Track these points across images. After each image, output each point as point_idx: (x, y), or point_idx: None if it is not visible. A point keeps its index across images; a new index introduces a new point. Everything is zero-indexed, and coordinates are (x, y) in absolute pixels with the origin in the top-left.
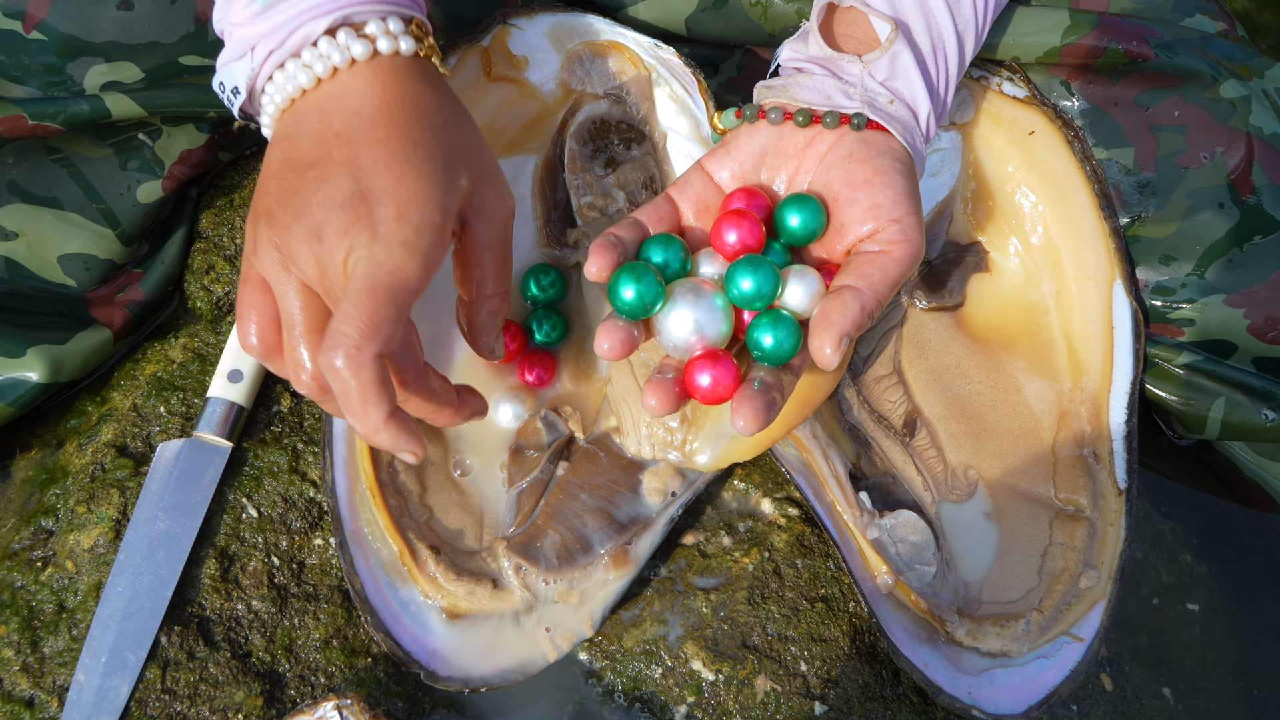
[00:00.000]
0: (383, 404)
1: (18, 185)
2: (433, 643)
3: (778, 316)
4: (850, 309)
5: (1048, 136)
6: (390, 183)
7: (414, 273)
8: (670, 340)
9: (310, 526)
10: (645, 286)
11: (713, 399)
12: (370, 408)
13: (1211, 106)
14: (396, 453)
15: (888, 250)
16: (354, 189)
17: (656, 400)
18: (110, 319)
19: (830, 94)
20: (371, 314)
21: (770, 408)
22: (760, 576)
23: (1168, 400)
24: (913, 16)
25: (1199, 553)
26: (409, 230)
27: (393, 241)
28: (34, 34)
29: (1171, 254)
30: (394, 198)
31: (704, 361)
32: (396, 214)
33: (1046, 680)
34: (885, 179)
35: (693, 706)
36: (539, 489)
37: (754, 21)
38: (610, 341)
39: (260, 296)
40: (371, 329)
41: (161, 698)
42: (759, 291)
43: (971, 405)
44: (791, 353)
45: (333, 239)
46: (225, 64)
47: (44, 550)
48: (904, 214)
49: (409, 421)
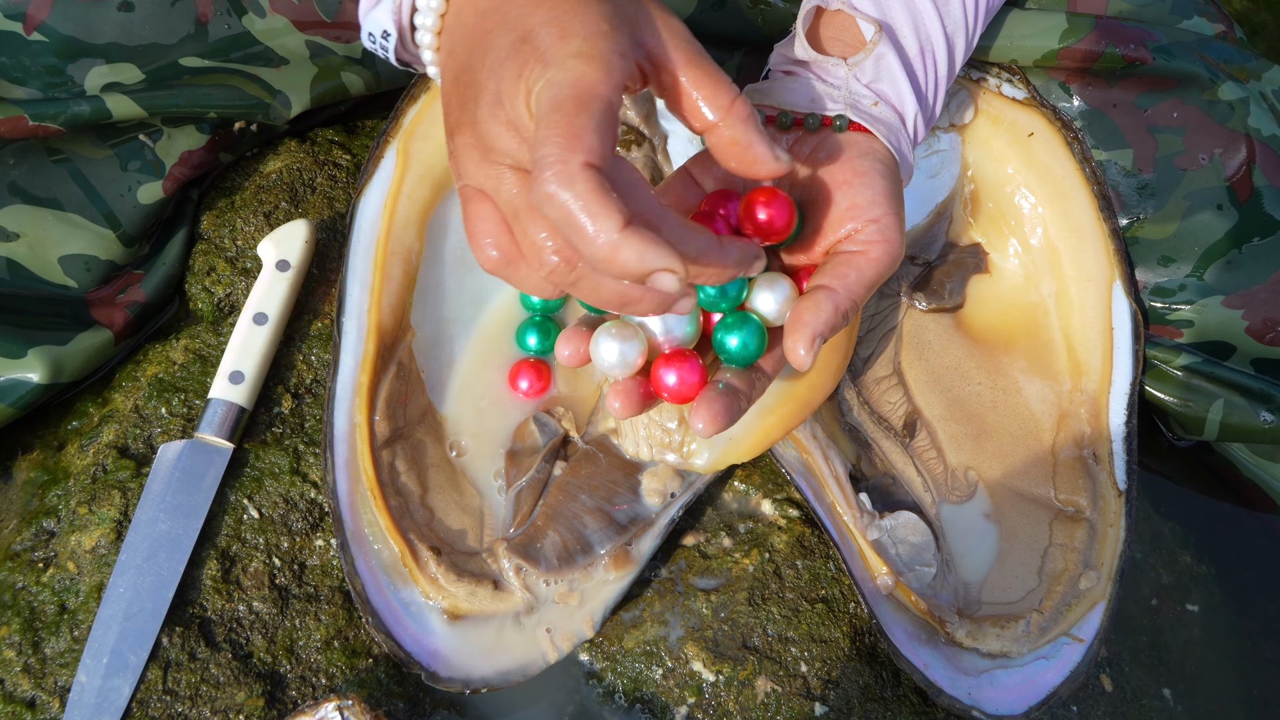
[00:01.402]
0: (612, 212)
1: (18, 186)
2: (434, 644)
3: (743, 318)
4: (824, 309)
5: (1047, 138)
6: (546, 12)
7: (597, 78)
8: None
9: (311, 527)
10: None
11: (679, 398)
12: (599, 219)
13: (1210, 108)
14: (651, 274)
15: (864, 250)
16: (512, 38)
17: (620, 403)
18: (111, 320)
19: (814, 96)
20: (565, 126)
21: (731, 410)
22: (760, 577)
23: (1167, 401)
24: (899, 19)
25: (1198, 553)
26: (577, 41)
27: (565, 57)
28: (35, 35)
29: (1170, 255)
30: (552, 22)
31: (670, 361)
32: (560, 33)
33: (1046, 681)
34: (864, 179)
35: (693, 707)
36: (536, 489)
37: (753, 23)
38: (570, 349)
39: (482, 207)
40: (571, 138)
41: (163, 698)
42: (724, 293)
43: (971, 406)
44: (756, 354)
45: (510, 93)
46: (366, 13)
47: (45, 551)
48: (882, 214)
49: (652, 233)
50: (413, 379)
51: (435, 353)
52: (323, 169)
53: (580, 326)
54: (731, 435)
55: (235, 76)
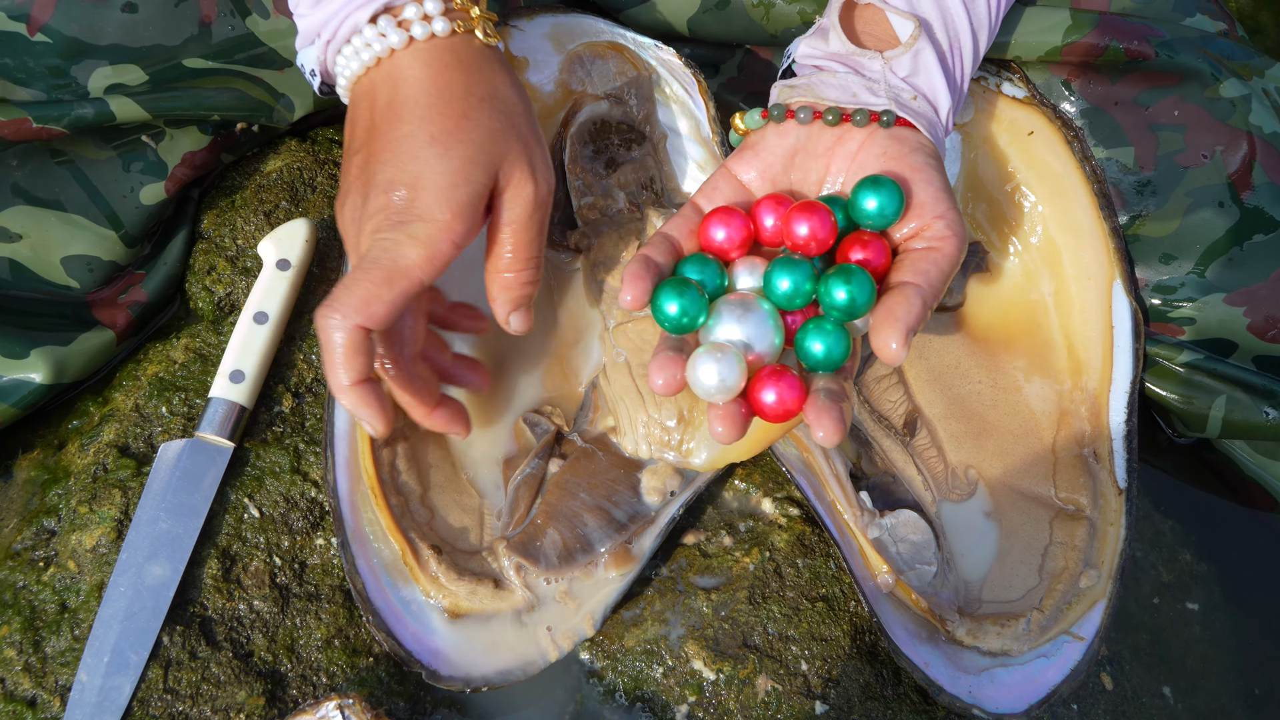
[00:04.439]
0: (351, 371)
1: (21, 187)
2: (434, 642)
3: (823, 322)
4: (914, 304)
5: (1047, 136)
6: (416, 173)
7: (415, 264)
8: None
9: (312, 526)
10: (688, 300)
11: (779, 416)
12: (339, 369)
13: (1211, 105)
14: (356, 417)
15: (937, 247)
16: (385, 179)
17: (724, 428)
18: (113, 320)
19: (855, 91)
20: (367, 291)
21: (847, 416)
22: (761, 576)
23: (1168, 399)
24: (931, 14)
25: (1199, 552)
26: (421, 226)
27: (404, 234)
28: (38, 37)
29: (1171, 253)
30: (415, 189)
31: (767, 380)
32: (416, 210)
33: (1047, 679)
34: (922, 175)
35: (694, 706)
36: (533, 485)
37: (756, 23)
38: (665, 377)
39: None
40: (363, 304)
41: (164, 697)
42: (797, 289)
43: (972, 405)
44: (843, 358)
45: (357, 218)
46: (301, 49)
47: (46, 550)
48: (945, 209)
49: (377, 396)
50: None
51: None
52: (323, 168)
53: (667, 352)
54: None
55: (239, 79)
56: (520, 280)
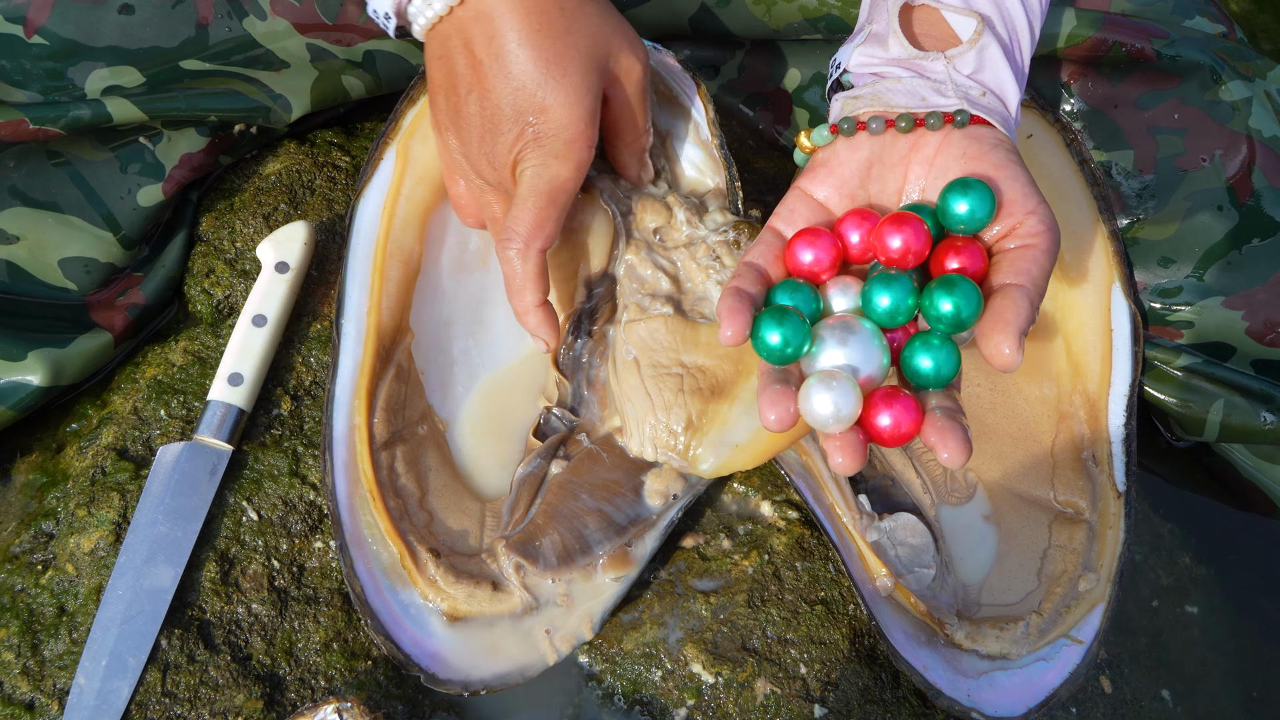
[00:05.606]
0: (538, 292)
1: (19, 189)
2: (433, 645)
3: (930, 337)
4: (1021, 306)
5: (1046, 139)
6: (542, 99)
7: (569, 177)
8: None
9: (310, 530)
10: (790, 329)
11: (897, 440)
12: (528, 293)
13: (1211, 109)
14: (534, 336)
15: (1034, 243)
16: (512, 110)
17: (845, 458)
18: (111, 322)
19: (924, 95)
20: (537, 215)
21: (969, 433)
22: (760, 579)
23: (1167, 402)
24: (988, 9)
25: (1198, 555)
26: (560, 143)
27: (549, 154)
28: (35, 38)
29: (1170, 256)
30: (545, 112)
31: (882, 403)
32: (551, 129)
33: (1046, 682)
34: (1007, 172)
35: (692, 709)
36: (534, 484)
37: (758, 19)
38: (778, 412)
39: (458, 185)
40: (538, 227)
41: (162, 701)
42: (899, 305)
43: (970, 408)
44: (953, 374)
45: (502, 156)
46: None
47: (44, 553)
48: (1036, 204)
49: (554, 314)
50: (412, 381)
51: (435, 354)
52: (322, 171)
53: (774, 385)
54: (737, 442)
55: (236, 80)
56: (644, 142)
